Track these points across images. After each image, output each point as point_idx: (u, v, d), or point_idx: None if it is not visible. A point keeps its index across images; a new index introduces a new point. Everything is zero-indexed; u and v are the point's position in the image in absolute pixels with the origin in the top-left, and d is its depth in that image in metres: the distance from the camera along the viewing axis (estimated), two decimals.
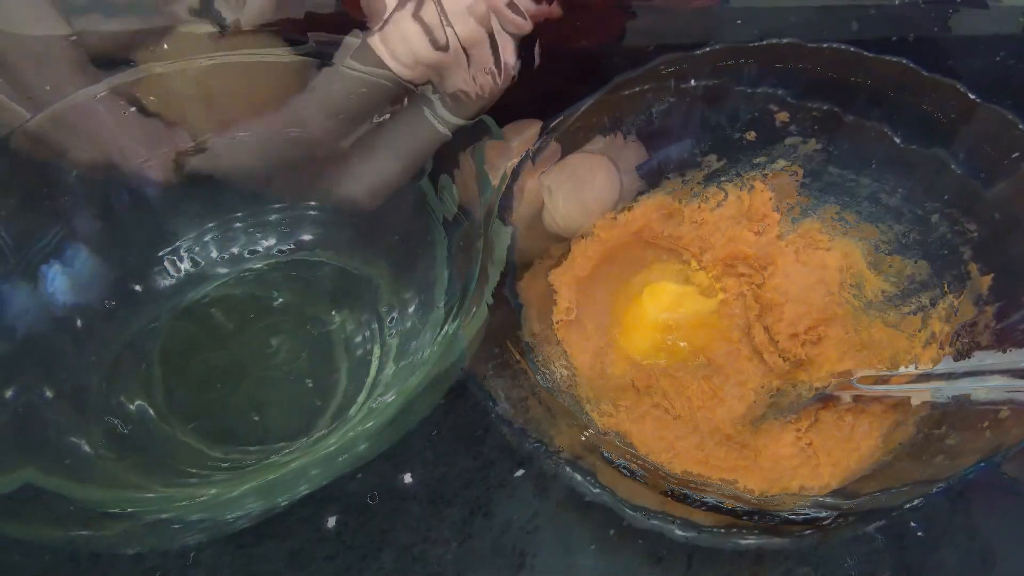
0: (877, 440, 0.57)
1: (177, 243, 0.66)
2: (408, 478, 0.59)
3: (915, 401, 0.56)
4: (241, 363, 0.64)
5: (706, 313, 0.64)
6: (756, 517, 0.46)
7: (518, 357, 0.57)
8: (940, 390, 0.55)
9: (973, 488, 0.58)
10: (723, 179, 0.68)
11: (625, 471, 0.48)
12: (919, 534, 0.56)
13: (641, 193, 0.67)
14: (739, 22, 0.88)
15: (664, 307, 0.63)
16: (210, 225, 0.67)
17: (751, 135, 0.67)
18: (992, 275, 0.59)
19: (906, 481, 0.46)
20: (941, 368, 0.56)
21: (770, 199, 0.67)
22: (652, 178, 0.67)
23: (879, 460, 0.56)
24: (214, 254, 0.67)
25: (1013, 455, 0.46)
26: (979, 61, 0.85)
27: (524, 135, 0.58)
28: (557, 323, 0.61)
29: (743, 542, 0.46)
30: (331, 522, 0.57)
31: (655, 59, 0.62)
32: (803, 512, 0.46)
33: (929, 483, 0.45)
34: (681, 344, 0.63)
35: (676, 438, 0.56)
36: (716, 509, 0.47)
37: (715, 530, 0.46)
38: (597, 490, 0.47)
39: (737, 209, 0.68)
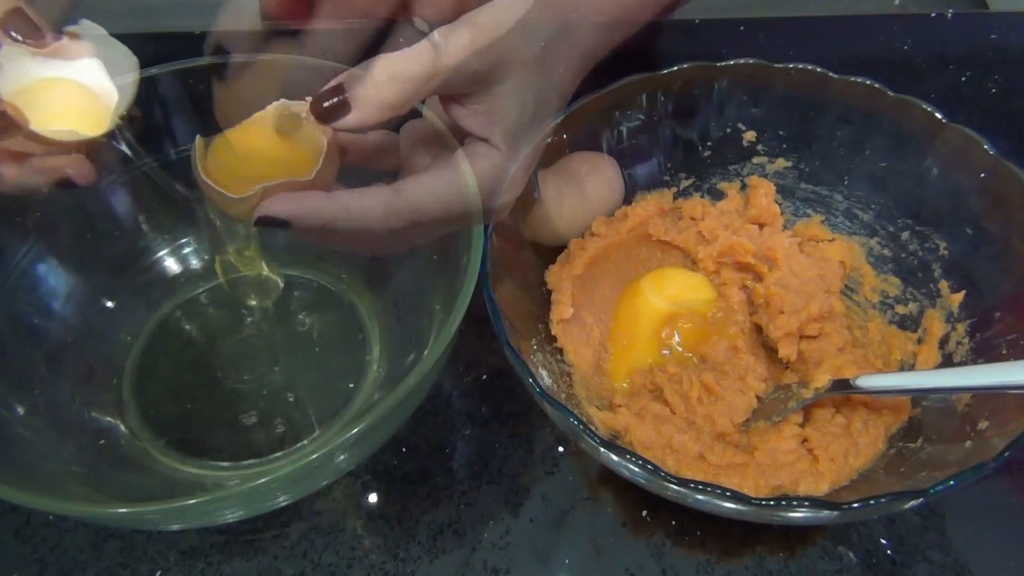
0: (877, 435, 0.57)
1: (150, 258, 0.67)
2: (379, 496, 0.59)
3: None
4: (215, 377, 0.64)
5: (707, 303, 0.64)
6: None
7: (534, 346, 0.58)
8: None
9: (947, 504, 0.58)
10: (720, 177, 0.70)
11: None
12: (888, 552, 0.56)
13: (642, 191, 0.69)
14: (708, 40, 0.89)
15: (668, 292, 0.64)
16: (183, 240, 0.68)
17: (720, 153, 0.68)
18: (963, 292, 0.60)
19: (886, 492, 0.46)
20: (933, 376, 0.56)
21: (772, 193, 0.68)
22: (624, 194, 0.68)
23: (880, 455, 0.56)
24: (187, 269, 0.68)
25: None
26: (946, 81, 0.86)
27: None
28: (557, 322, 0.61)
29: (792, 515, 0.46)
30: (299, 539, 0.57)
31: (624, 78, 0.63)
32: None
33: (912, 494, 0.46)
34: (679, 340, 0.63)
35: (674, 436, 0.56)
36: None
37: (766, 503, 0.45)
38: (637, 468, 0.47)
39: (737, 205, 0.69)
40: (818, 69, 0.63)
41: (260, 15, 0.56)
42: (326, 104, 0.45)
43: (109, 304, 0.64)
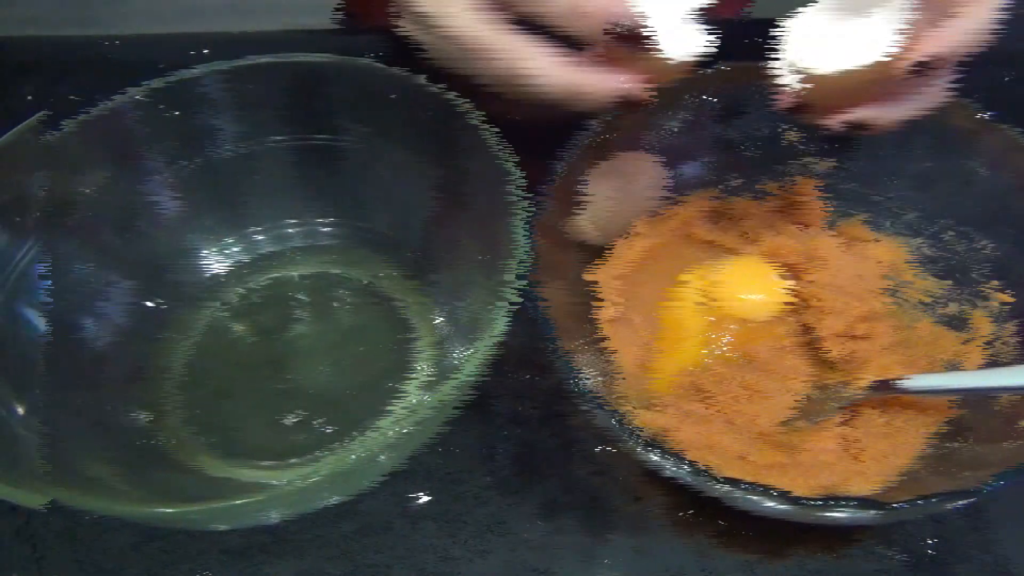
0: (920, 435, 0.57)
1: (193, 258, 0.67)
2: (423, 496, 0.59)
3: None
4: (257, 377, 0.64)
5: (765, 307, 0.63)
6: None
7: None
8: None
9: (991, 504, 0.57)
10: (764, 177, 0.69)
11: None
12: (930, 552, 0.56)
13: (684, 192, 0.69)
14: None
15: (722, 296, 0.63)
16: (228, 240, 0.68)
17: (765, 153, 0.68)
18: (1009, 293, 0.60)
19: (932, 493, 0.45)
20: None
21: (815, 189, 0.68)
22: (669, 194, 0.68)
23: (923, 455, 0.56)
24: (232, 268, 0.68)
25: None
26: (990, 79, 0.85)
27: None
28: (604, 322, 0.61)
29: (837, 514, 0.46)
30: (342, 539, 0.57)
31: None
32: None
33: (957, 494, 0.45)
34: (726, 341, 0.63)
35: (717, 436, 0.56)
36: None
37: (812, 502, 0.45)
38: (682, 470, 0.47)
39: (782, 205, 0.68)
40: None
41: None
42: None
43: (150, 304, 0.64)
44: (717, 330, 0.62)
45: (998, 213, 0.60)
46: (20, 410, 0.55)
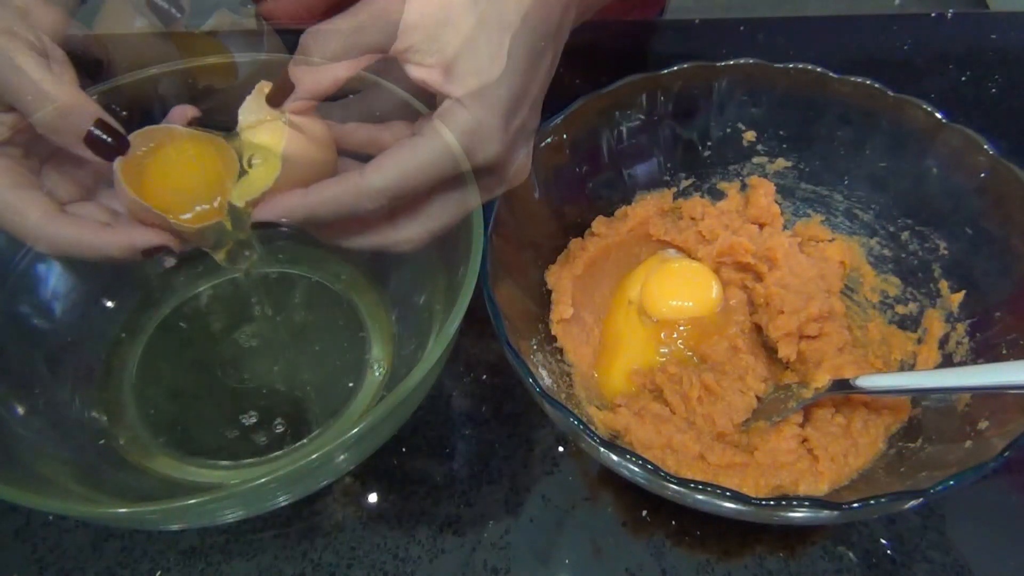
0: (878, 435, 0.57)
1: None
2: (380, 496, 0.59)
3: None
4: (215, 377, 0.63)
5: (705, 304, 0.64)
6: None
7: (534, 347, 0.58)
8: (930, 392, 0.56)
9: (947, 504, 0.58)
10: (720, 177, 0.70)
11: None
12: (888, 552, 0.56)
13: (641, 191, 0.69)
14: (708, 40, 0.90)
15: (663, 299, 0.64)
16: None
17: (720, 153, 0.68)
18: (963, 292, 0.60)
19: (886, 492, 0.46)
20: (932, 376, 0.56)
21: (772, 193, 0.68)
22: (624, 194, 0.68)
23: (880, 455, 0.56)
24: (187, 269, 0.68)
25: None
26: (946, 81, 0.86)
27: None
28: (557, 322, 0.61)
29: (792, 515, 0.46)
30: (299, 539, 0.57)
31: (624, 77, 0.63)
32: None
33: (912, 494, 0.46)
34: (679, 340, 0.63)
35: (674, 436, 0.56)
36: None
37: (766, 503, 0.45)
38: (637, 468, 0.47)
39: (737, 205, 0.69)
40: (818, 69, 0.63)
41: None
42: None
43: (109, 304, 0.64)
44: (664, 330, 0.63)
45: (953, 213, 0.61)
46: (20, 410, 0.55)
